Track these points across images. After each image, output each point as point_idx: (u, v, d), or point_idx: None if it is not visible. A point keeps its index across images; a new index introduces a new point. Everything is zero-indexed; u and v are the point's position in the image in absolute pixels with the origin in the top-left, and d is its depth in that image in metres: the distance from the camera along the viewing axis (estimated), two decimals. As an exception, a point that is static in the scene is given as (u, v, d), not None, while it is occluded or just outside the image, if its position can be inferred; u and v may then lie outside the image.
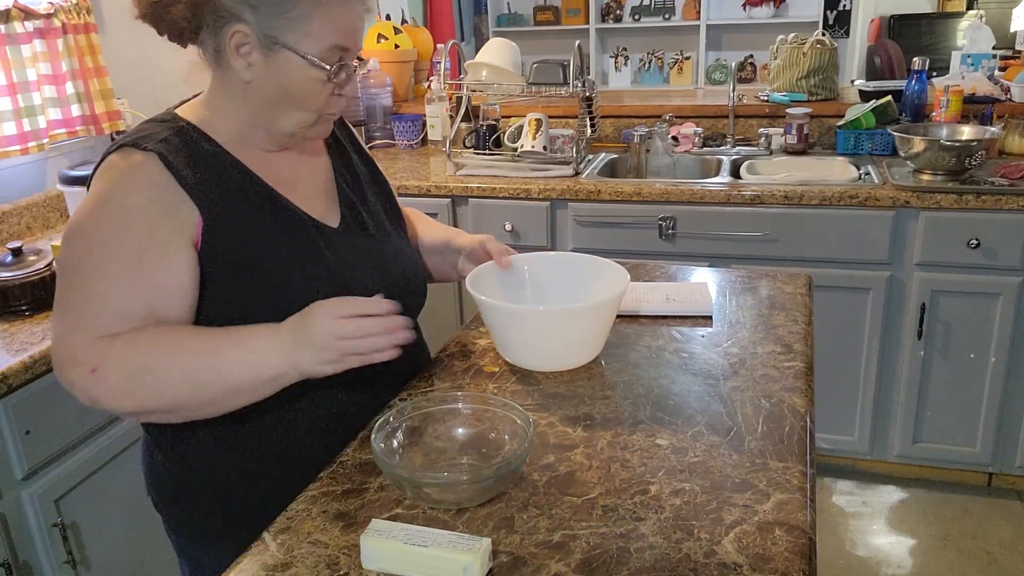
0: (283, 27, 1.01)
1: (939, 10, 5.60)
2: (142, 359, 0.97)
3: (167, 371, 0.98)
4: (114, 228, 1.01)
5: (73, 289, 1.00)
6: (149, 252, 1.00)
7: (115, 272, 0.99)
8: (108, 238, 1.00)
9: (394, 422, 1.02)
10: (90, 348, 0.97)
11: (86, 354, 0.97)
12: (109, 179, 1.02)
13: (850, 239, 2.32)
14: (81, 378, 0.97)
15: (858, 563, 2.27)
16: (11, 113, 2.07)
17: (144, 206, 1.01)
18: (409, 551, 0.83)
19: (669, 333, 1.37)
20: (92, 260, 1.00)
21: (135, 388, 0.98)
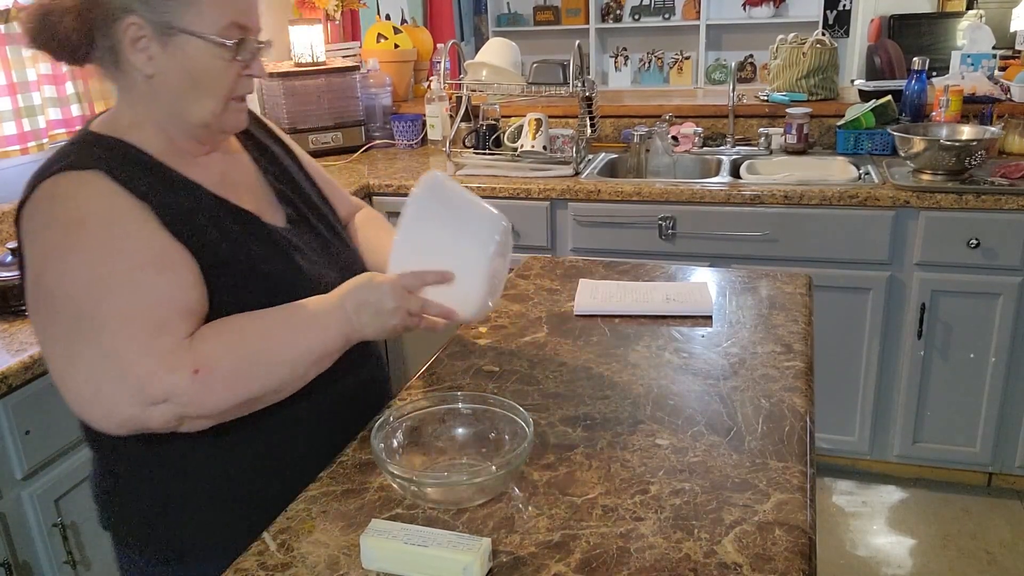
0: (175, 10, 0.98)
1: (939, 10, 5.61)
2: (239, 349, 0.97)
3: (265, 356, 0.98)
4: (114, 236, 0.95)
5: (112, 314, 0.92)
6: (165, 247, 0.98)
7: (153, 274, 0.95)
8: (116, 248, 0.95)
9: (394, 422, 1.02)
10: (180, 351, 0.93)
11: (178, 359, 0.92)
12: (66, 204, 0.95)
13: (850, 239, 2.32)
14: (183, 384, 0.91)
15: (858, 563, 2.27)
16: (11, 113, 2.07)
17: (125, 210, 0.97)
18: (409, 551, 0.83)
19: (669, 333, 1.37)
20: (116, 276, 0.93)
21: (241, 379, 0.96)
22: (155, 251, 0.97)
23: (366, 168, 2.82)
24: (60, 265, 0.93)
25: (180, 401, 0.92)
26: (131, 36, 0.98)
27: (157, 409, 0.92)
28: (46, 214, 0.96)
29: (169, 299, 0.96)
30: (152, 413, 0.92)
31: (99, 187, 0.97)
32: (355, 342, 1.05)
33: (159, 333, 0.93)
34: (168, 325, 0.94)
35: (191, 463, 1.06)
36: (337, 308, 1.02)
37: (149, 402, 0.91)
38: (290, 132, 2.94)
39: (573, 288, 1.57)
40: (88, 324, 0.92)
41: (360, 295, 1.03)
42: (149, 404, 0.91)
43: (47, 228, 0.95)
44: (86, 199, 0.96)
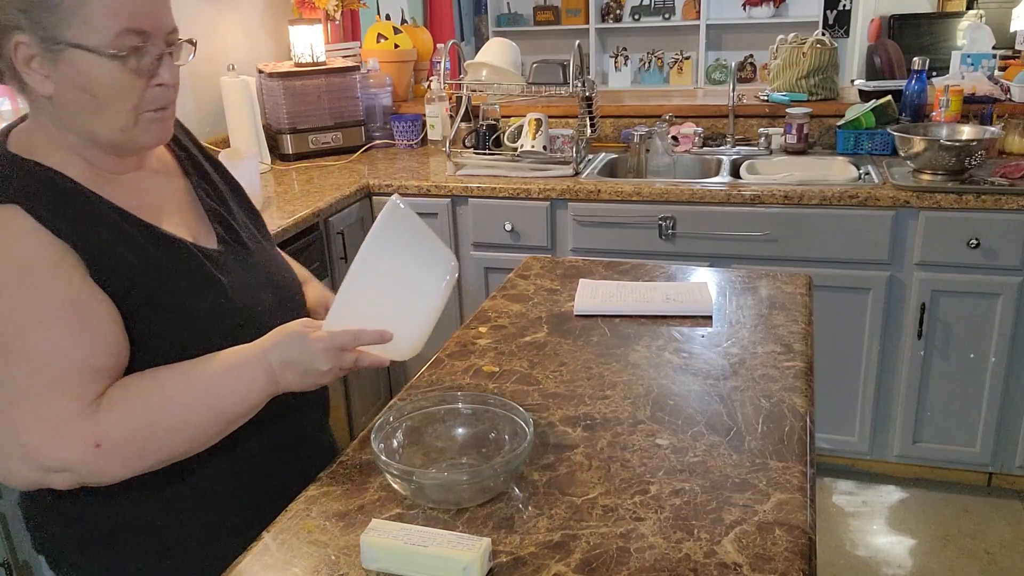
0: (59, 24, 0.90)
1: (939, 10, 5.60)
2: (142, 418, 0.91)
3: (175, 423, 0.93)
4: (24, 287, 0.89)
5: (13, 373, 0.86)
6: (78, 300, 0.91)
7: (60, 331, 0.89)
8: (24, 300, 0.89)
9: (394, 422, 1.02)
10: (79, 420, 0.87)
11: (76, 429, 0.87)
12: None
13: (850, 239, 2.32)
14: (80, 456, 0.87)
15: (858, 563, 2.27)
16: (11, 113, 2.07)
17: (41, 254, 0.90)
18: (409, 551, 0.83)
19: (669, 333, 1.37)
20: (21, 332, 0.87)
21: (146, 450, 0.92)
22: (67, 304, 0.90)
23: (366, 168, 2.82)
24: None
25: (77, 472, 0.89)
26: (22, 55, 0.92)
27: (57, 476, 0.89)
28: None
29: (76, 359, 0.90)
30: (52, 479, 0.89)
31: (14, 227, 0.90)
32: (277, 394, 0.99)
33: (59, 398, 0.88)
34: (70, 389, 0.88)
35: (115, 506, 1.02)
36: (261, 362, 0.96)
37: (45, 469, 0.88)
38: (290, 132, 2.94)
39: (573, 288, 1.57)
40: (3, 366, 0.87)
41: (289, 353, 0.97)
42: (46, 471, 0.88)
43: None
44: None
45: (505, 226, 2.57)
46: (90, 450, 0.87)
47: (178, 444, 0.94)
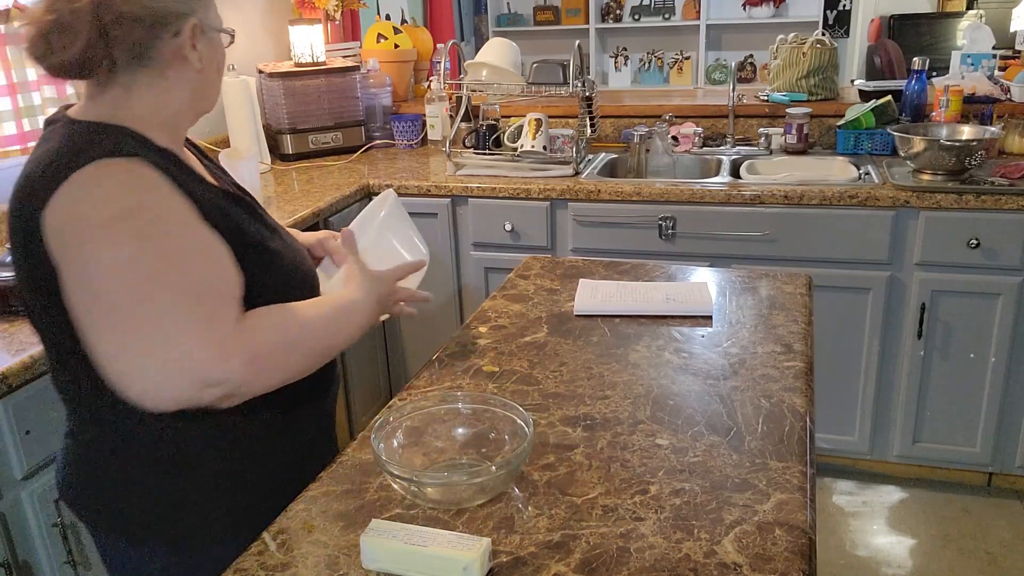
0: (209, 10, 1.11)
1: (939, 10, 5.60)
2: (283, 339, 1.04)
3: (307, 345, 1.07)
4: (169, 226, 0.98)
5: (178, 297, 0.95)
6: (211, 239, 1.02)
7: (206, 264, 1.00)
8: (173, 237, 0.98)
9: (394, 422, 1.02)
10: (234, 339, 0.97)
11: (233, 347, 0.96)
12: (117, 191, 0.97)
13: (850, 239, 2.32)
14: (238, 371, 0.96)
15: (858, 563, 2.28)
16: (11, 113, 2.07)
17: (172, 200, 1.00)
18: (409, 551, 0.83)
19: (669, 333, 1.37)
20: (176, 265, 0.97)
21: (288, 366, 1.04)
22: (205, 242, 1.01)
23: (366, 168, 2.82)
24: (115, 252, 0.94)
25: (233, 385, 0.97)
26: (188, 40, 1.06)
27: (209, 391, 0.96)
28: (95, 201, 0.96)
29: (220, 286, 1.00)
30: (204, 394, 0.96)
31: (144, 175, 0.99)
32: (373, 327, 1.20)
33: (214, 320, 0.97)
34: (221, 312, 0.98)
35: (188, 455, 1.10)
36: (368, 301, 1.17)
37: (204, 386, 0.95)
38: (290, 132, 2.94)
39: (573, 288, 1.57)
40: (146, 310, 0.94)
41: (380, 289, 1.20)
42: (204, 387, 0.95)
43: (98, 216, 0.95)
44: (134, 187, 0.98)
45: (505, 226, 2.57)
46: (245, 365, 0.97)
47: (305, 364, 1.07)
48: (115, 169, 0.98)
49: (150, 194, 0.98)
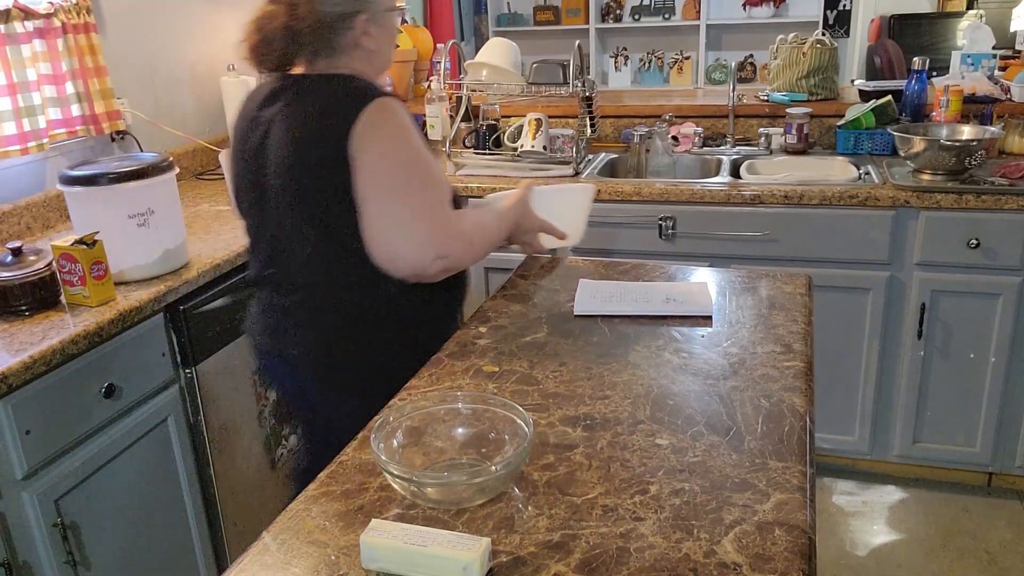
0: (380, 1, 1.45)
1: (939, 10, 5.60)
2: (479, 231, 1.48)
3: (490, 238, 1.51)
4: (419, 139, 1.41)
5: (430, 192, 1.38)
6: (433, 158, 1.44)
7: (439, 176, 1.42)
8: (423, 148, 1.41)
9: (394, 422, 1.02)
10: (457, 227, 1.41)
11: (458, 230, 1.41)
12: (397, 115, 1.39)
13: (850, 239, 2.32)
14: (457, 248, 1.40)
15: (858, 563, 2.28)
16: (11, 113, 2.07)
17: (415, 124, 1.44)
18: (409, 551, 0.83)
19: (669, 333, 1.37)
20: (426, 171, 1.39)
21: (479, 250, 1.48)
22: (431, 155, 1.43)
23: (366, 168, 2.82)
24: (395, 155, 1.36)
25: (452, 259, 1.40)
26: (363, 28, 1.43)
27: (437, 262, 1.37)
28: (387, 118, 1.37)
29: (447, 188, 1.45)
30: (433, 264, 1.37)
31: (402, 107, 1.42)
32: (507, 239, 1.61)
33: (445, 210, 1.40)
34: (447, 205, 1.42)
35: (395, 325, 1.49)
36: (507, 218, 1.57)
37: (435, 257, 1.37)
38: (290, 132, 2.94)
39: (573, 288, 1.57)
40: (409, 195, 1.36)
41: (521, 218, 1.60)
42: (434, 258, 1.37)
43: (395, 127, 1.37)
44: (403, 113, 1.40)
45: (505, 226, 2.56)
46: (462, 244, 1.41)
47: (484, 251, 1.50)
48: (390, 102, 1.39)
49: (408, 120, 1.41)
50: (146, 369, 1.73)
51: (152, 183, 1.74)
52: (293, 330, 1.49)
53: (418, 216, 1.35)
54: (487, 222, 1.52)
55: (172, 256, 1.83)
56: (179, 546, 1.87)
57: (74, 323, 1.57)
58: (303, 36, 1.39)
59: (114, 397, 1.64)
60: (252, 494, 2.08)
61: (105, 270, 1.66)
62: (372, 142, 1.35)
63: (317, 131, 1.36)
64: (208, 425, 1.90)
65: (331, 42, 1.42)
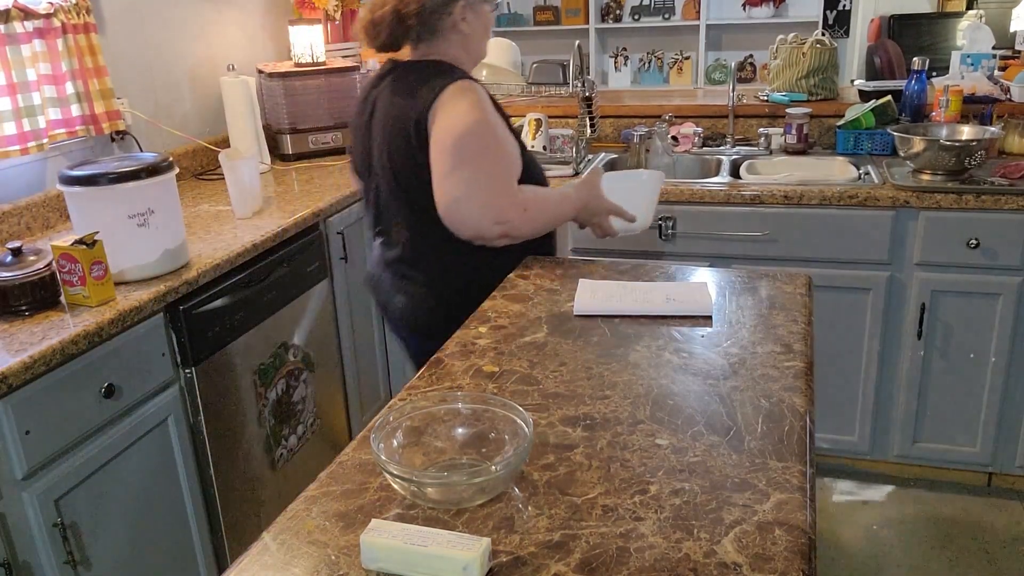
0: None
1: (939, 10, 5.60)
2: (539, 204, 1.64)
3: (548, 214, 1.67)
4: (495, 124, 1.58)
5: (495, 163, 1.56)
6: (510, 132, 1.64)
7: (508, 151, 1.60)
8: (496, 129, 1.58)
9: (394, 422, 1.02)
10: (517, 197, 1.59)
11: (519, 201, 1.59)
12: (473, 94, 1.58)
13: (850, 239, 2.32)
14: (517, 217, 1.58)
15: (858, 563, 2.28)
16: (11, 113, 2.07)
17: (492, 103, 1.63)
18: (409, 551, 0.83)
19: (669, 333, 1.37)
20: (494, 143, 1.57)
21: (538, 221, 1.64)
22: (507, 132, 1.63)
23: (366, 168, 2.82)
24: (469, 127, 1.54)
25: (510, 226, 1.58)
26: (462, 14, 1.65)
27: (497, 227, 1.56)
28: (463, 95, 1.57)
29: (516, 162, 1.62)
30: (494, 229, 1.56)
31: (481, 89, 1.62)
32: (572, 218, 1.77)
33: (511, 181, 1.59)
34: (514, 178, 1.60)
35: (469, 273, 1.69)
36: (576, 199, 1.72)
37: (495, 223, 1.56)
38: (290, 132, 2.94)
39: (573, 288, 1.57)
40: (479, 164, 1.54)
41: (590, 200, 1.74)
42: (494, 224, 1.56)
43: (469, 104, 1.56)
44: (481, 94, 1.60)
45: (505, 226, 2.56)
46: (521, 213, 1.59)
47: (543, 225, 1.68)
48: (470, 84, 1.60)
49: (485, 99, 1.60)
50: (146, 369, 1.73)
51: (152, 183, 1.74)
52: (391, 280, 1.77)
53: (481, 182, 1.54)
54: (548, 197, 1.68)
55: (172, 256, 1.83)
56: (179, 546, 1.87)
57: (74, 323, 1.57)
58: (408, 19, 1.61)
59: (114, 397, 1.64)
60: (252, 494, 2.08)
61: (105, 270, 1.66)
62: (445, 114, 1.56)
63: (405, 108, 1.60)
64: (208, 425, 1.90)
65: (432, 25, 1.64)
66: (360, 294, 2.65)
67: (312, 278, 2.34)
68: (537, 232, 1.65)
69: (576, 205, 1.72)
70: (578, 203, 1.72)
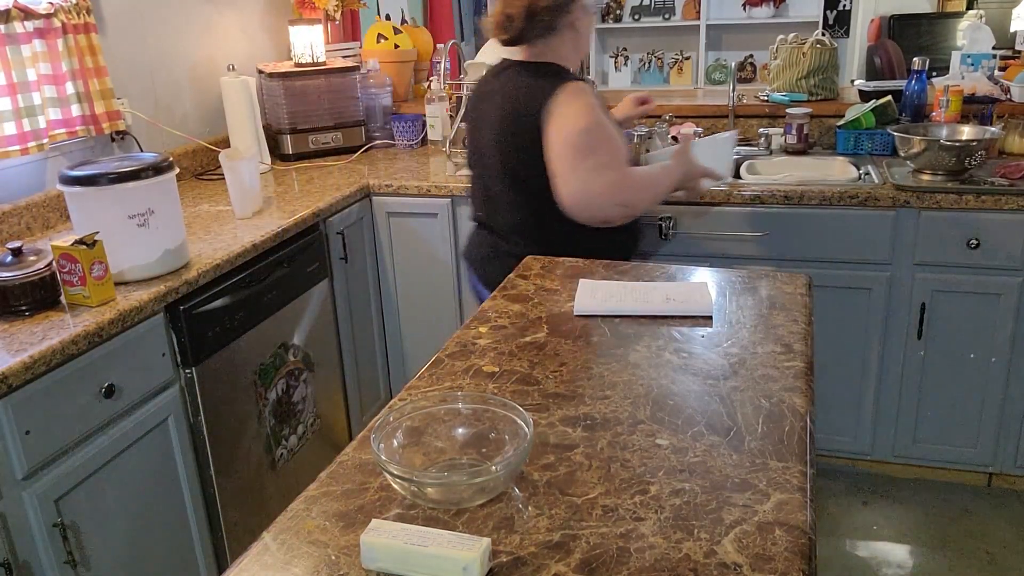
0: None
1: (939, 10, 5.60)
2: (650, 182, 1.86)
3: (654, 191, 1.86)
4: (604, 119, 1.79)
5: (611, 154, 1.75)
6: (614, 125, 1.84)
7: (618, 141, 1.81)
8: (606, 124, 1.78)
9: (394, 422, 1.02)
10: (633, 179, 1.80)
11: (634, 182, 1.80)
12: (585, 96, 1.77)
13: (850, 239, 2.32)
14: (635, 196, 1.79)
15: (858, 563, 2.28)
16: (11, 113, 2.07)
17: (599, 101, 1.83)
18: (409, 551, 0.83)
19: (669, 333, 1.37)
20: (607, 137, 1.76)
21: (652, 196, 1.86)
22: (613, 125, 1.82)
23: (366, 168, 2.82)
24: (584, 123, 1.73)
25: (630, 206, 1.80)
26: (579, 15, 1.84)
27: (618, 209, 1.78)
28: (575, 96, 1.76)
29: (624, 150, 1.82)
30: (615, 211, 1.78)
31: (591, 90, 1.82)
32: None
33: (625, 166, 1.78)
34: (624, 167, 1.78)
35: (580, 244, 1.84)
36: (675, 172, 1.89)
37: (617, 204, 1.77)
38: (290, 132, 2.94)
39: (573, 288, 1.57)
40: (595, 155, 1.73)
41: (687, 168, 1.91)
42: (616, 206, 1.77)
43: (582, 104, 1.75)
44: (590, 93, 1.79)
45: (505, 226, 2.56)
46: (638, 193, 1.81)
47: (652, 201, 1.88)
48: (581, 85, 1.79)
49: (594, 98, 1.79)
50: (146, 369, 1.73)
51: (152, 183, 1.74)
52: (495, 260, 1.93)
53: (602, 173, 1.72)
54: (656, 174, 1.88)
55: (172, 256, 1.83)
56: (179, 546, 1.87)
57: (74, 323, 1.57)
58: (539, 14, 1.79)
59: (114, 397, 1.64)
60: (252, 494, 2.08)
61: (105, 270, 1.66)
62: (561, 115, 1.74)
63: (521, 104, 1.79)
64: (208, 425, 1.90)
65: (554, 23, 1.82)
66: (360, 294, 2.65)
67: (312, 278, 2.34)
68: (652, 205, 1.90)
69: (677, 175, 1.89)
70: (678, 173, 1.89)
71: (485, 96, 1.92)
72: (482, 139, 1.90)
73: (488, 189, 1.93)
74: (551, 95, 1.75)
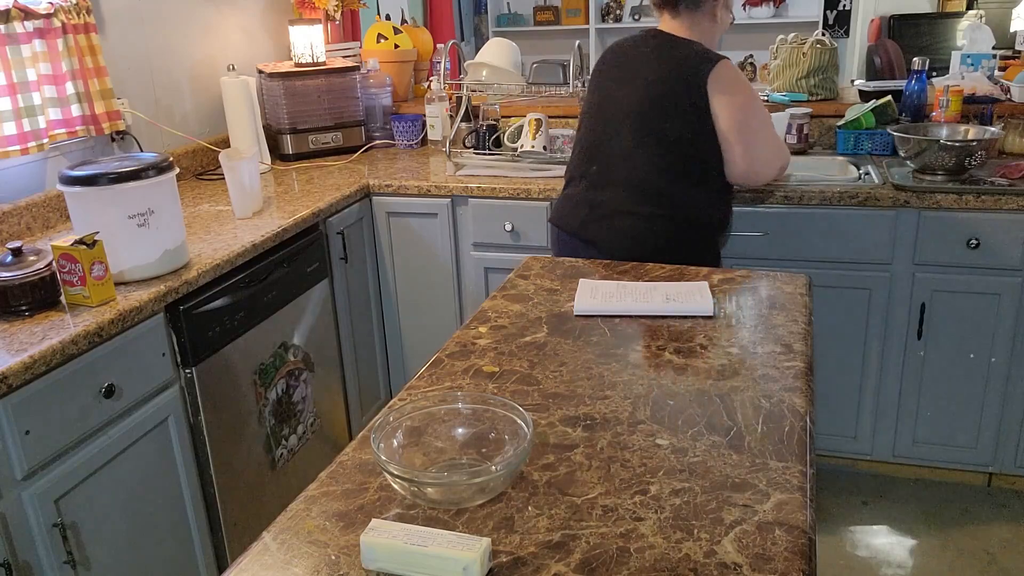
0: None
1: (939, 10, 5.60)
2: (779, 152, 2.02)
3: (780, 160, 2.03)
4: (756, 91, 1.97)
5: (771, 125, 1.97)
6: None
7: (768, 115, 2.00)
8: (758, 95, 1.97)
9: (394, 422, 1.02)
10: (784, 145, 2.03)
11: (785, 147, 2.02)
12: (741, 74, 1.95)
13: (850, 239, 2.32)
14: (787, 159, 2.01)
15: (858, 563, 2.28)
16: (11, 113, 2.07)
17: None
18: (409, 551, 0.83)
19: (669, 333, 1.37)
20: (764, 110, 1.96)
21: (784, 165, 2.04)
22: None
23: (366, 168, 2.82)
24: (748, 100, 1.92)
25: (784, 167, 2.02)
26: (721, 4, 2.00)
27: (780, 171, 2.00)
28: (734, 74, 1.93)
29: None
30: (778, 172, 2.00)
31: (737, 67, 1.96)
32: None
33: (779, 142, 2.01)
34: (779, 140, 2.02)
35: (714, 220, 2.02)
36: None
37: (781, 169, 2.01)
38: (290, 132, 2.94)
39: (573, 288, 1.57)
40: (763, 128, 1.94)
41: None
42: (781, 170, 2.01)
43: (743, 84, 1.93)
44: (740, 71, 1.95)
45: (505, 226, 2.57)
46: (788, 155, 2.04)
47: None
48: (733, 65, 1.94)
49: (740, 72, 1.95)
50: (146, 369, 1.73)
51: (152, 183, 1.74)
52: (599, 221, 1.96)
53: (770, 144, 1.95)
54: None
55: (172, 256, 1.83)
56: (179, 546, 1.87)
57: (74, 323, 1.58)
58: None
59: (114, 397, 1.64)
60: (252, 494, 2.08)
61: (105, 270, 1.66)
62: (729, 94, 1.88)
63: (686, 68, 1.90)
64: (208, 425, 1.90)
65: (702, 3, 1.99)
66: (360, 294, 2.65)
67: (312, 278, 2.35)
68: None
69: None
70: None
71: (631, 58, 2.03)
72: (622, 99, 1.97)
73: (610, 148, 1.98)
74: (714, 66, 1.88)
